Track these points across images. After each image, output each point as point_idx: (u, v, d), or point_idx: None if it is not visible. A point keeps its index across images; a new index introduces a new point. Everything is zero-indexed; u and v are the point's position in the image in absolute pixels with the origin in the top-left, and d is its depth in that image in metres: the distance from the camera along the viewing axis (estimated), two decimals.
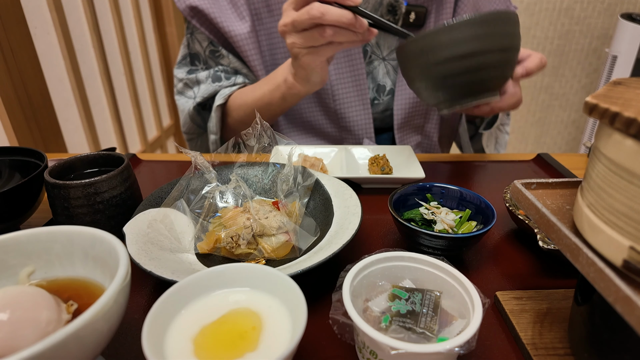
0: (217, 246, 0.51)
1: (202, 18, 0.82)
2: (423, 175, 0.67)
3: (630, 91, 0.30)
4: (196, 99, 0.87)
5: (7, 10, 1.07)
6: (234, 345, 0.32)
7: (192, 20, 0.82)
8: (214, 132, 0.87)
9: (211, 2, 0.81)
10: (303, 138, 0.94)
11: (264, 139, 0.57)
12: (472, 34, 0.53)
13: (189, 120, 0.90)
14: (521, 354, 0.39)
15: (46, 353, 0.25)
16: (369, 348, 0.34)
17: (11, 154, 0.61)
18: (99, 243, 0.36)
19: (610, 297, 0.26)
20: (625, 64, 1.84)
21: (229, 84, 0.86)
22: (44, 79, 1.22)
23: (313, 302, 0.43)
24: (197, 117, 0.90)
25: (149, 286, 0.48)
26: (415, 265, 0.40)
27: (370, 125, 0.89)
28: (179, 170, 0.77)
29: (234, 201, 0.59)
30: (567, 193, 0.39)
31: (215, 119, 0.85)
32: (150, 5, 1.90)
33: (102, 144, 1.53)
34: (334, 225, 0.51)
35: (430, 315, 0.36)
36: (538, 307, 0.43)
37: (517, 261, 0.52)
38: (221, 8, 0.81)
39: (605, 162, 0.29)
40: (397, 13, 0.82)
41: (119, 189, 0.52)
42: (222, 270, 0.37)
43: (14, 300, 0.32)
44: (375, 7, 0.83)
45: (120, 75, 1.67)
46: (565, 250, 0.31)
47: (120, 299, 0.31)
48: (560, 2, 2.10)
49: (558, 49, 2.20)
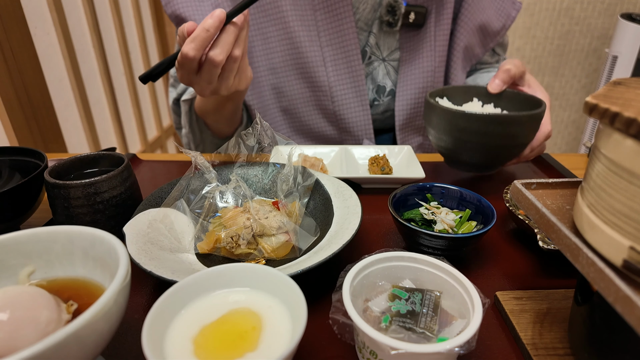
0: (217, 246, 0.51)
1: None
2: (423, 176, 0.67)
3: (630, 91, 0.30)
4: (176, 93, 0.89)
5: (7, 10, 1.07)
6: (234, 345, 0.32)
7: (177, 25, 0.84)
8: (183, 125, 0.88)
9: (194, 9, 0.81)
10: (302, 140, 0.94)
11: (264, 139, 0.57)
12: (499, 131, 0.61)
13: (173, 113, 0.93)
14: (521, 354, 0.39)
15: (46, 353, 0.25)
16: (369, 348, 0.34)
17: (11, 154, 0.61)
18: (99, 243, 0.36)
19: (610, 297, 0.26)
20: (626, 64, 1.84)
21: None
22: (44, 79, 1.22)
23: (313, 302, 0.43)
24: (177, 109, 0.92)
25: (149, 286, 0.48)
26: (415, 265, 0.40)
27: (369, 126, 0.89)
28: (179, 170, 0.77)
29: (234, 201, 0.59)
30: (567, 193, 0.39)
31: (183, 113, 0.86)
32: (150, 5, 1.90)
33: (102, 144, 1.53)
34: (334, 225, 0.51)
35: (430, 315, 0.36)
36: (538, 307, 0.43)
37: (517, 261, 0.52)
38: (204, 14, 0.82)
39: (605, 162, 0.29)
40: (396, 13, 0.82)
41: (119, 189, 0.52)
42: (222, 270, 0.37)
43: (14, 300, 0.32)
44: (375, 7, 0.83)
45: (120, 75, 1.67)
46: (565, 250, 0.31)
47: (120, 299, 0.31)
48: (560, 2, 2.10)
49: (558, 49, 2.20)
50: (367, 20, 0.85)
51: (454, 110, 0.62)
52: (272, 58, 0.86)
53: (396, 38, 0.86)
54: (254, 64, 0.87)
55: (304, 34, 0.83)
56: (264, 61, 0.87)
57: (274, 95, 0.90)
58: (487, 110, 0.71)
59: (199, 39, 0.57)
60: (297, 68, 0.86)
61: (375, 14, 0.84)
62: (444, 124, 0.64)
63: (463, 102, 0.74)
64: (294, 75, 0.87)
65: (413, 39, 0.86)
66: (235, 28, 0.59)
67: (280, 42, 0.85)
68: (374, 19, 0.84)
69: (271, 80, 0.88)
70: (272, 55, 0.86)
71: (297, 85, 0.87)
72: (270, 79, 0.88)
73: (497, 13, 0.89)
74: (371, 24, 0.85)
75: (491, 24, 0.89)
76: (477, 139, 0.62)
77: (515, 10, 0.90)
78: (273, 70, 0.87)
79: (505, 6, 0.89)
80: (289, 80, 0.87)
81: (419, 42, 0.87)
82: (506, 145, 0.63)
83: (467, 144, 0.63)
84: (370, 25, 0.85)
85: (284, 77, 0.87)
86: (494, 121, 0.60)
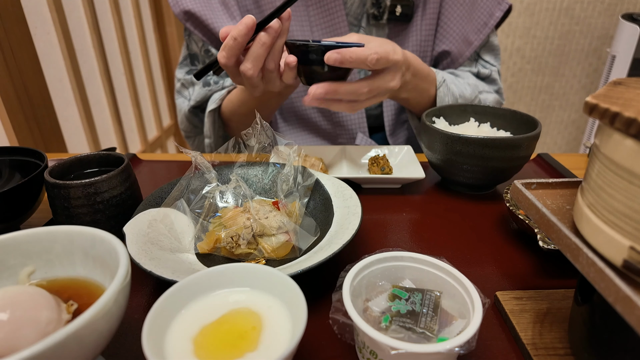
0: (217, 246, 0.51)
1: (196, 21, 0.83)
2: (423, 176, 0.67)
3: (630, 91, 0.30)
4: (191, 101, 0.88)
5: (7, 10, 1.07)
6: (234, 345, 0.32)
7: (186, 23, 0.83)
8: (208, 135, 0.87)
9: (203, 5, 0.81)
10: (298, 134, 0.94)
11: (264, 139, 0.57)
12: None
13: (186, 120, 0.91)
14: (521, 354, 0.39)
15: (46, 353, 0.25)
16: (369, 348, 0.34)
17: (11, 154, 0.61)
18: (99, 243, 0.36)
19: (610, 297, 0.26)
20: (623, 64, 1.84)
21: (217, 88, 0.86)
22: (44, 79, 1.22)
23: (313, 302, 0.43)
24: (193, 118, 0.91)
25: (149, 286, 0.48)
26: (415, 265, 0.40)
27: (363, 120, 0.90)
28: (179, 170, 0.77)
29: (234, 201, 0.59)
30: (567, 193, 0.39)
31: (209, 124, 0.85)
32: (150, 5, 1.90)
33: (102, 144, 1.53)
34: (334, 225, 0.51)
35: (430, 315, 0.36)
36: (538, 307, 0.43)
37: (517, 261, 0.52)
38: (213, 10, 0.82)
39: (605, 162, 0.29)
40: (381, 6, 0.82)
41: (119, 189, 0.52)
42: (222, 270, 0.37)
43: (14, 300, 0.32)
44: (363, 1, 0.84)
45: (120, 75, 1.67)
46: (565, 250, 0.31)
47: (120, 299, 0.31)
48: (561, 2, 2.10)
49: (558, 49, 2.20)
50: (356, 15, 0.85)
51: (449, 134, 0.62)
52: None
53: (385, 33, 0.86)
54: None
55: (296, 28, 0.85)
56: None
57: None
58: (483, 130, 0.71)
59: (227, 48, 0.57)
60: None
61: (364, 9, 0.85)
62: (440, 147, 0.64)
63: (459, 121, 0.74)
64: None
65: (401, 33, 0.87)
66: (268, 37, 0.57)
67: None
68: (362, 13, 0.85)
69: None
70: None
71: None
72: None
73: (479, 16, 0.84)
74: (360, 18, 0.86)
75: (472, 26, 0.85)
76: (474, 162, 0.62)
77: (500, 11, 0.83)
78: None
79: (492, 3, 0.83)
80: None
81: (406, 36, 0.87)
82: (502, 168, 0.63)
83: (463, 166, 0.63)
84: (359, 19, 0.86)
85: None
86: (490, 145, 0.60)
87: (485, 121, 0.73)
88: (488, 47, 0.89)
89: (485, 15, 0.84)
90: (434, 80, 0.77)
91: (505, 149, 0.60)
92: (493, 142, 0.60)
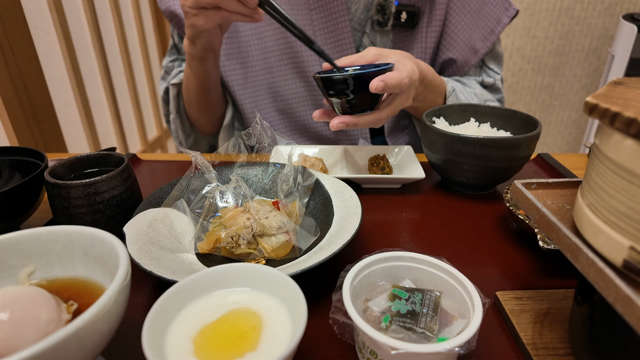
0: (217, 246, 0.51)
1: (179, 22, 0.85)
2: (423, 176, 0.67)
3: (630, 91, 0.30)
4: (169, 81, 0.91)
5: (7, 10, 1.07)
6: (234, 345, 0.32)
7: (171, 22, 0.86)
8: (172, 110, 0.90)
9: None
10: (299, 140, 0.94)
11: (264, 139, 0.57)
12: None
13: (163, 104, 0.94)
14: (521, 354, 0.39)
15: (46, 353, 0.25)
16: (369, 348, 0.34)
17: (11, 154, 0.61)
18: (99, 243, 0.36)
19: (610, 297, 0.26)
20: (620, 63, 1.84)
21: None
22: (44, 79, 1.22)
23: (313, 302, 0.43)
24: (167, 99, 0.93)
25: (149, 286, 0.48)
26: (415, 265, 0.40)
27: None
28: (179, 170, 0.77)
29: (234, 201, 0.59)
30: (567, 193, 0.39)
31: (171, 97, 0.88)
32: (150, 5, 1.90)
33: (102, 144, 1.53)
34: (334, 225, 0.51)
35: (430, 315, 0.36)
36: (538, 307, 0.43)
37: (517, 261, 0.52)
38: None
39: (605, 162, 0.29)
40: (386, 12, 0.81)
41: (119, 189, 0.52)
42: (222, 270, 0.37)
43: (14, 300, 0.32)
44: (368, 7, 0.83)
45: (120, 75, 1.67)
46: (565, 250, 0.31)
47: (120, 299, 0.31)
48: (561, 2, 2.10)
49: (558, 49, 2.20)
50: (360, 21, 0.85)
51: (449, 134, 0.62)
52: (268, 57, 0.87)
53: (390, 39, 0.86)
54: (249, 63, 0.87)
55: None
56: (260, 61, 0.87)
57: (270, 94, 0.90)
58: (483, 130, 0.71)
59: None
60: (293, 67, 0.86)
61: (368, 14, 0.84)
62: (440, 147, 0.64)
63: (459, 121, 0.74)
64: (290, 74, 0.87)
65: (406, 39, 0.86)
66: None
67: (276, 42, 0.85)
68: (366, 19, 0.85)
69: (267, 80, 0.88)
70: (268, 55, 0.86)
71: (293, 84, 0.88)
72: (267, 79, 0.88)
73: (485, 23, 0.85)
74: (364, 24, 0.85)
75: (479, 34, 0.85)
76: (474, 162, 0.62)
77: (508, 17, 0.83)
78: (269, 70, 0.87)
79: (499, 8, 0.84)
80: (284, 80, 0.88)
81: (411, 43, 0.86)
82: (503, 168, 0.63)
83: (463, 166, 0.63)
84: (363, 25, 0.85)
85: (279, 76, 0.88)
86: (490, 144, 0.60)
87: (485, 121, 0.73)
88: (493, 55, 0.89)
89: (493, 22, 0.84)
90: (444, 90, 0.78)
91: (505, 149, 0.60)
92: (493, 142, 0.60)
